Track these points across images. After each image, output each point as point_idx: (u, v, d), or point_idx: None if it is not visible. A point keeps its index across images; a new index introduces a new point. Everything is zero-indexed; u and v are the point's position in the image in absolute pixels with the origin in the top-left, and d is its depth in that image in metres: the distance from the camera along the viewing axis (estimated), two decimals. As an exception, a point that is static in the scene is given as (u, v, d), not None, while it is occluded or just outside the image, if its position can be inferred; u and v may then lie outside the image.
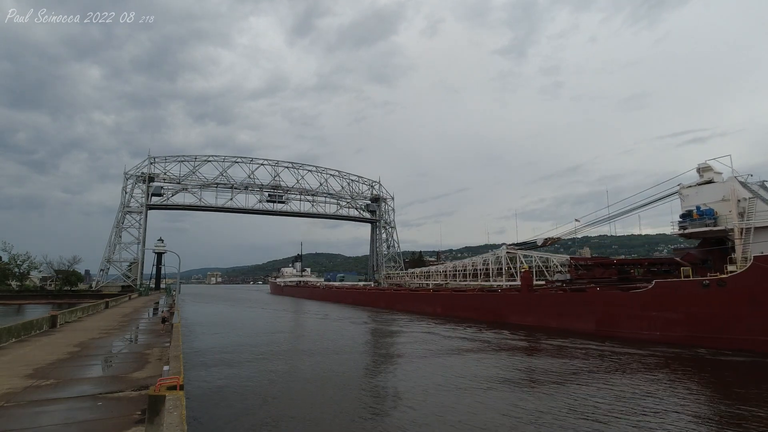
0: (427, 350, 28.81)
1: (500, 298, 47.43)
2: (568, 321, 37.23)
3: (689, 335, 28.82)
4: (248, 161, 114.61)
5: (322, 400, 17.03)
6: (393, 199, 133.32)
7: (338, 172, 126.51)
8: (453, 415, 15.02)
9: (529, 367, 23.43)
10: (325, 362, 25.05)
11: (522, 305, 43.10)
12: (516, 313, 43.22)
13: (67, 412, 9.51)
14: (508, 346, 30.48)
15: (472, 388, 18.65)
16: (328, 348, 30.66)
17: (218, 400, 16.80)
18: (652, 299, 31.35)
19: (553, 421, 14.18)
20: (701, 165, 35.30)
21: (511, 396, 17.52)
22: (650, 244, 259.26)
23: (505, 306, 45.33)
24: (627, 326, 32.55)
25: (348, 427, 14.00)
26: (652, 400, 16.46)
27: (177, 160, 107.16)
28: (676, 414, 14.90)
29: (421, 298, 63.90)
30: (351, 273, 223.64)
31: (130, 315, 36.90)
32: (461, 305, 52.43)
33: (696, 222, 33.84)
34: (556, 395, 17.38)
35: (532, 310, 41.59)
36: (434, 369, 22.74)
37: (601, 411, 15.18)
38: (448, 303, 55.45)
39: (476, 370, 22.45)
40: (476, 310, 48.93)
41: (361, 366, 24.58)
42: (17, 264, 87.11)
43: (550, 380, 20.00)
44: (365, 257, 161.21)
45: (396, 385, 19.60)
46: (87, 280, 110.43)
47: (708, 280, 28.89)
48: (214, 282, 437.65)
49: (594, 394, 17.50)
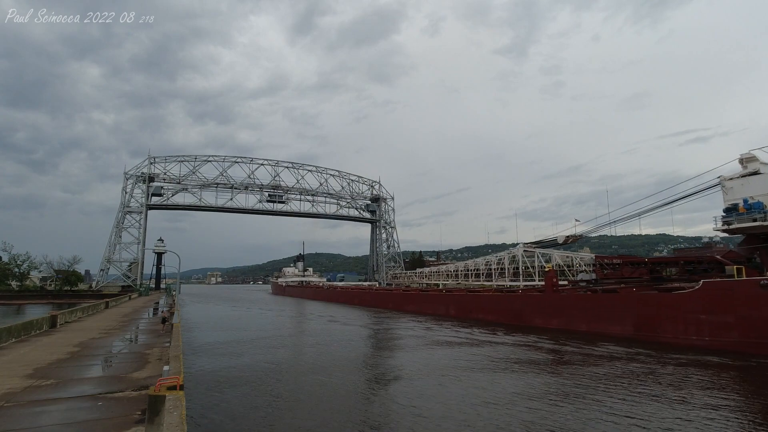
0: (455, 362, 24.48)
1: (521, 300, 43.98)
2: (601, 324, 33.99)
3: (743, 341, 26.16)
4: (248, 161, 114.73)
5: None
6: (393, 199, 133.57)
7: (338, 172, 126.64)
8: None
9: (582, 381, 19.54)
10: (340, 378, 20.93)
11: (546, 307, 39.98)
12: (539, 316, 40.11)
13: (67, 412, 9.50)
14: (541, 355, 26.71)
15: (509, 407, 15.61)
16: (344, 357, 26.94)
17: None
18: (701, 301, 28.41)
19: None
20: (744, 155, 32.07)
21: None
22: (650, 244, 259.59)
23: (528, 308, 42.05)
24: (670, 330, 29.75)
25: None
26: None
27: (177, 160, 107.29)
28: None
29: (432, 299, 60.64)
30: (351, 273, 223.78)
31: (130, 315, 36.90)
32: (477, 307, 49.22)
33: (743, 216, 30.67)
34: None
35: (557, 313, 38.49)
36: (460, 388, 18.63)
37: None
38: (463, 304, 52.10)
39: (516, 386, 18.95)
40: (494, 312, 45.72)
41: (378, 381, 20.71)
42: (17, 264, 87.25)
43: (616, 397, 16.89)
44: (365, 257, 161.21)
45: (419, 405, 16.16)
46: (87, 280, 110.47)
47: (767, 280, 26.43)
48: (214, 282, 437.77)
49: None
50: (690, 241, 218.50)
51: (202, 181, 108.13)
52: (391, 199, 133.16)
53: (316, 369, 23.02)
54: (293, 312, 68.82)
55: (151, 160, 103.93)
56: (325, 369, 22.91)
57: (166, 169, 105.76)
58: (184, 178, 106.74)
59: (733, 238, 44.61)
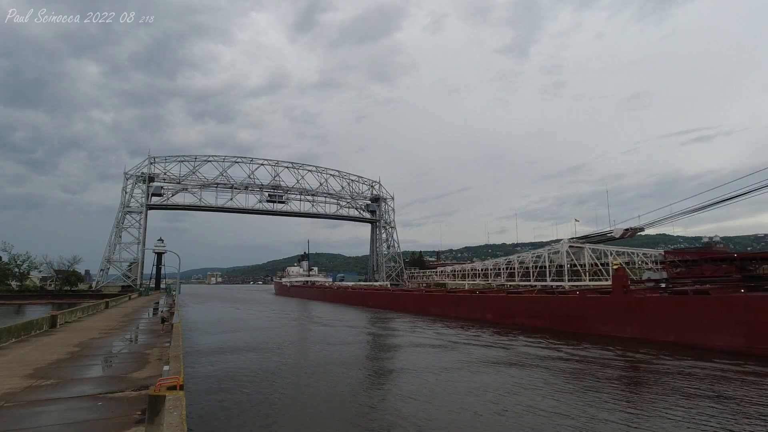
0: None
1: (581, 303, 37.84)
2: (696, 334, 28.50)
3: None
4: (248, 161, 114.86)
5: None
6: (393, 199, 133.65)
7: (338, 172, 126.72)
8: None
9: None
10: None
11: (617, 312, 34.03)
12: (607, 322, 34.25)
13: (67, 412, 9.50)
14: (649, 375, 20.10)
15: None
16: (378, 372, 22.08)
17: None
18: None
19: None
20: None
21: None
22: (650, 244, 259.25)
23: (590, 312, 36.12)
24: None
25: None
26: None
27: (177, 160, 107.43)
28: None
29: (463, 302, 53.75)
30: (351, 273, 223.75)
31: (130, 315, 36.91)
32: (521, 311, 43.05)
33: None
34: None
35: (632, 319, 32.76)
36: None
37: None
38: (503, 308, 45.66)
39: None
40: (543, 318, 39.90)
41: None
42: (17, 264, 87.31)
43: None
44: (365, 257, 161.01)
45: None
46: (87, 280, 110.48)
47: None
48: (214, 282, 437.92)
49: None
50: (690, 241, 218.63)
51: (202, 181, 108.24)
52: (391, 199, 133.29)
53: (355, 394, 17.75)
54: (303, 314, 62.37)
55: (151, 160, 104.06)
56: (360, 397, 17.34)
57: (166, 169, 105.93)
58: (184, 178, 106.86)
59: (732, 239, 43.29)
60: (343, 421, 14.38)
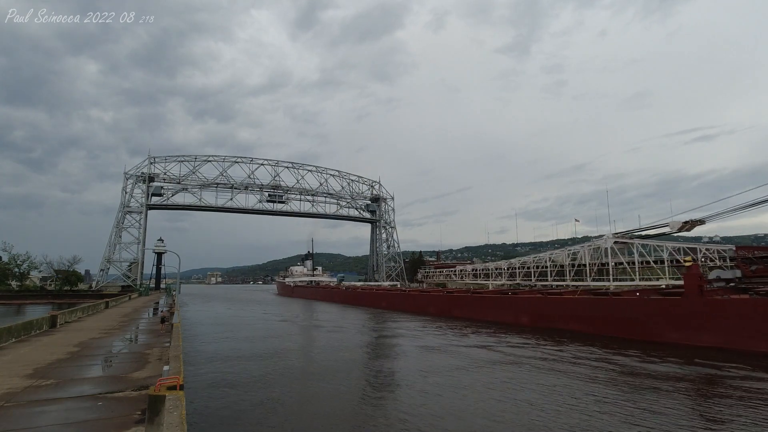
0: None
1: (644, 306, 33.05)
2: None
3: None
4: (248, 161, 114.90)
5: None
6: (393, 198, 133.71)
7: (338, 172, 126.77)
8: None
9: None
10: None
11: (692, 317, 29.54)
12: (678, 329, 29.84)
13: (66, 412, 9.49)
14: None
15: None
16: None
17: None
18: None
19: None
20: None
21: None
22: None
23: (657, 317, 31.53)
24: None
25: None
26: None
27: (177, 160, 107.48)
28: None
29: (493, 303, 48.60)
30: (351, 273, 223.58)
31: (130, 315, 36.89)
32: (563, 314, 38.60)
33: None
34: None
35: (712, 325, 28.37)
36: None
37: None
38: (541, 310, 41.18)
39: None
40: (591, 322, 35.40)
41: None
42: (17, 264, 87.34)
43: None
44: (365, 257, 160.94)
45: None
46: (87, 280, 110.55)
47: None
48: (214, 282, 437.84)
49: None
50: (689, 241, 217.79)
51: (202, 181, 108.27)
52: (391, 199, 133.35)
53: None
54: (311, 316, 57.63)
55: (151, 159, 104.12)
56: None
57: (166, 169, 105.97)
58: (184, 178, 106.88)
59: (732, 239, 41.86)
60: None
